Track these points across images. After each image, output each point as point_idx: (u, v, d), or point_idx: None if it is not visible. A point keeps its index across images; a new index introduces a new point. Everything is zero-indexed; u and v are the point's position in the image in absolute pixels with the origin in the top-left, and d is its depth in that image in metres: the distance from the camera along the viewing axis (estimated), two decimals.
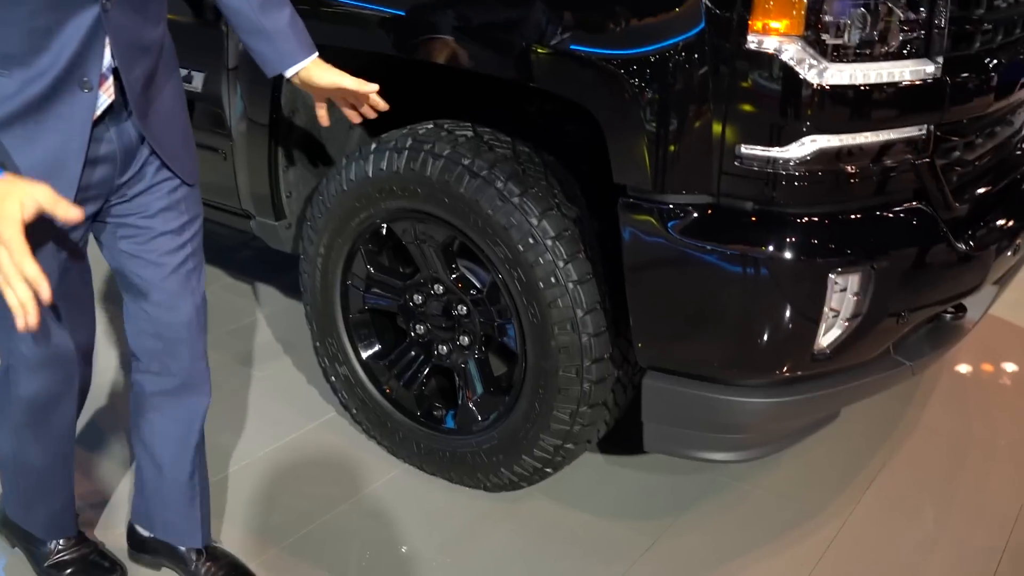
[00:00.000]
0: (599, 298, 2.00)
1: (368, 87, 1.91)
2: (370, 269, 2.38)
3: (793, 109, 1.72)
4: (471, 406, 2.31)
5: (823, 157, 1.76)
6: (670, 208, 1.81)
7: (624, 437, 2.33)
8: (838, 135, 1.77)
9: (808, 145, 1.74)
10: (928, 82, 1.81)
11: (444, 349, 2.33)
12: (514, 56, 1.95)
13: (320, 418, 2.71)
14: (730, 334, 1.86)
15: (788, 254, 1.78)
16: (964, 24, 1.92)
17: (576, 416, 2.08)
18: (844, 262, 1.81)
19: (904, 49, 1.79)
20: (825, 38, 1.71)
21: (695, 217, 1.80)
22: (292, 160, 2.57)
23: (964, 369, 3.06)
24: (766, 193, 1.77)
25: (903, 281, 1.91)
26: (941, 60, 1.83)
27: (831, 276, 1.80)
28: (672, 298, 1.87)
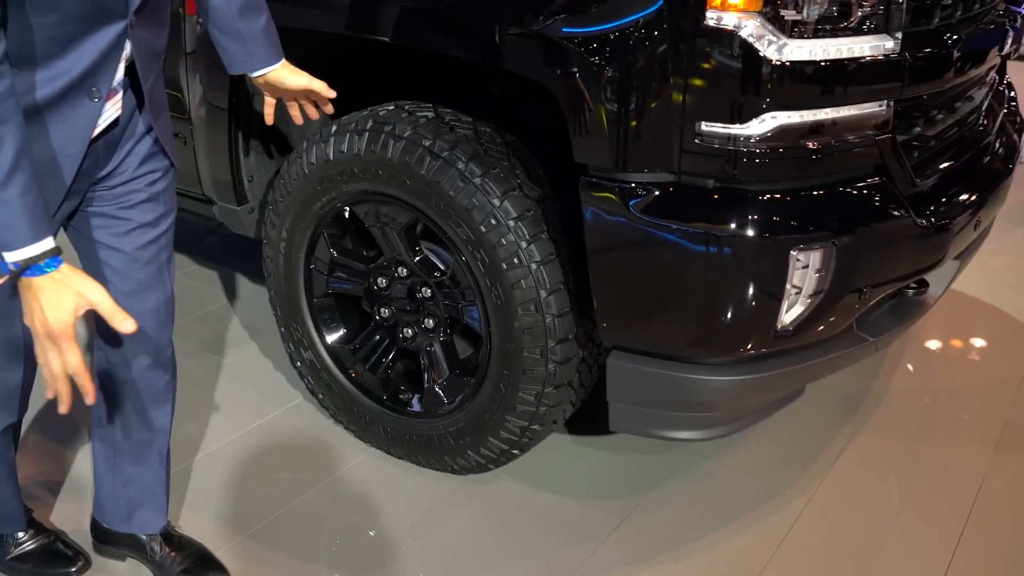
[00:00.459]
0: (562, 278, 1.99)
1: (330, 91, 1.98)
2: (333, 253, 2.37)
3: (753, 86, 1.71)
4: (437, 389, 2.30)
5: (784, 134, 1.76)
6: (631, 187, 1.80)
7: (591, 417, 2.33)
8: (798, 111, 1.77)
9: (769, 122, 1.74)
10: (888, 57, 1.82)
11: (409, 332, 2.32)
12: (473, 37, 1.93)
13: (287, 404, 2.69)
14: (693, 312, 1.85)
15: (750, 231, 1.78)
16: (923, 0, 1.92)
17: (542, 397, 2.08)
18: (806, 239, 1.81)
19: (863, 24, 1.79)
20: (784, 14, 1.71)
21: (657, 195, 1.80)
22: (253, 144, 2.54)
23: (927, 344, 3.08)
24: (727, 170, 1.77)
25: (865, 257, 1.91)
26: (900, 36, 1.84)
27: (793, 253, 1.81)
28: (635, 277, 1.87)
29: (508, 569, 2.11)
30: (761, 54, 1.69)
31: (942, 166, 2.16)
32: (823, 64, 1.74)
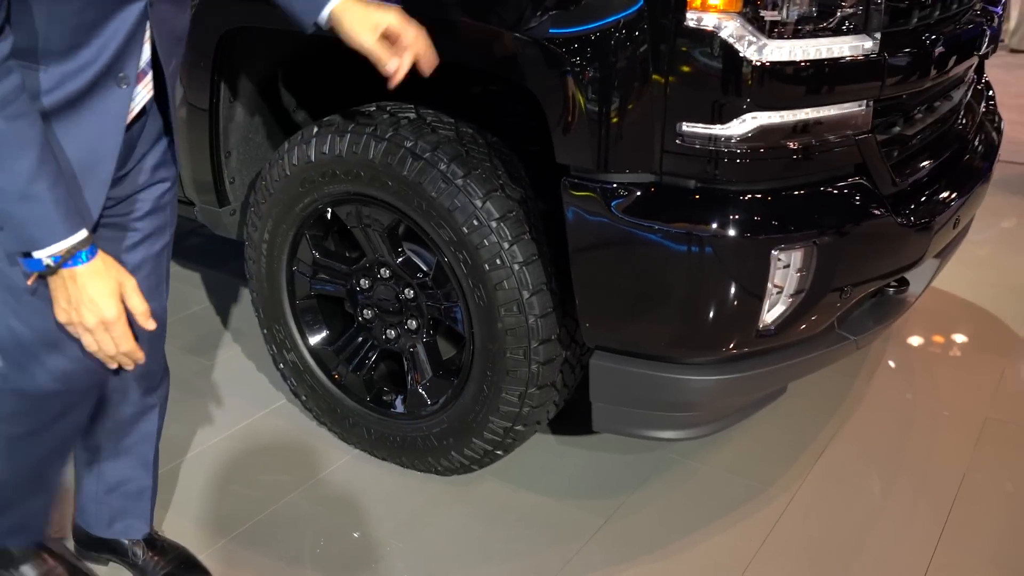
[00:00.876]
0: (545, 279, 2.00)
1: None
2: (315, 254, 2.36)
3: (733, 86, 1.72)
4: (420, 390, 2.30)
5: (764, 134, 1.76)
6: (613, 187, 1.80)
7: (574, 417, 2.33)
8: (779, 111, 1.77)
9: (749, 122, 1.75)
10: (867, 58, 1.82)
11: (392, 333, 2.32)
12: (454, 38, 1.93)
13: (270, 405, 2.68)
14: (675, 312, 1.86)
15: (731, 231, 1.78)
16: (901, 0, 1.93)
17: (525, 398, 2.08)
18: (786, 238, 1.82)
19: (843, 25, 1.80)
20: (764, 14, 1.72)
21: (638, 196, 1.80)
22: (234, 146, 2.53)
23: (908, 341, 3.10)
24: (708, 171, 1.77)
25: (845, 256, 1.92)
26: (879, 36, 1.85)
27: (774, 252, 1.81)
28: (617, 277, 1.87)
29: (492, 569, 2.11)
30: (741, 55, 1.70)
31: (922, 165, 2.18)
32: (803, 64, 1.75)
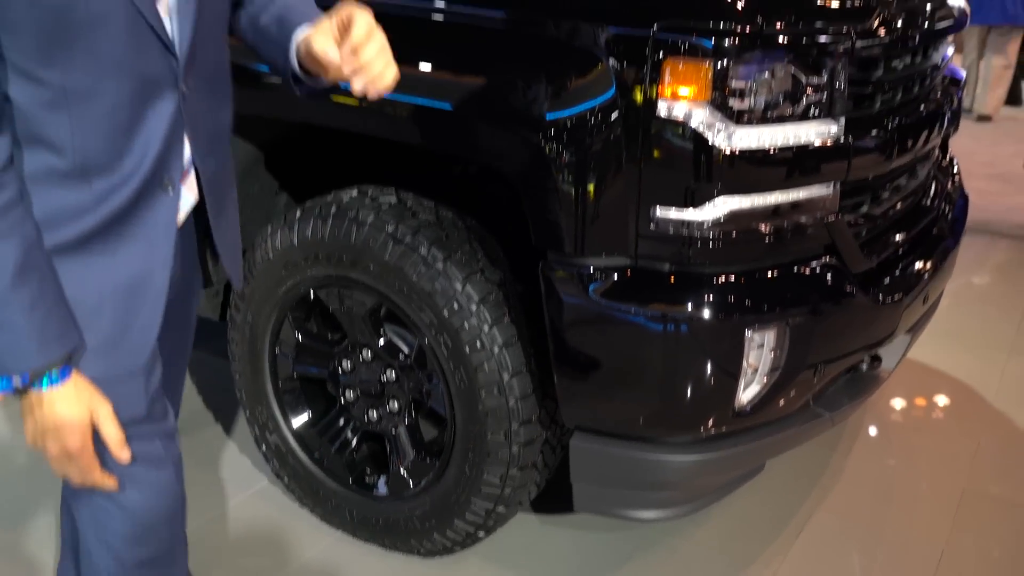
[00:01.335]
0: (525, 360, 2.02)
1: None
2: (298, 336, 2.38)
3: (704, 172, 1.77)
4: (402, 472, 2.31)
5: (735, 217, 1.82)
6: (590, 271, 1.85)
7: (557, 496, 2.34)
8: (748, 195, 1.83)
9: (720, 206, 1.80)
10: (833, 142, 1.89)
11: (374, 415, 2.33)
12: (433, 125, 1.98)
13: (252, 487, 2.68)
14: (653, 393, 1.89)
15: (706, 313, 1.82)
16: (864, 86, 2.00)
17: (506, 479, 2.09)
18: (760, 319, 1.86)
19: (808, 111, 1.87)
20: (732, 103, 1.78)
21: (615, 279, 1.84)
22: None
23: (884, 412, 3.14)
24: (682, 254, 1.82)
25: (818, 335, 1.97)
26: (844, 120, 1.91)
27: (748, 333, 1.85)
28: (595, 359, 1.90)
29: None
30: (711, 142, 1.76)
31: (890, 243, 2.23)
32: (771, 150, 1.81)
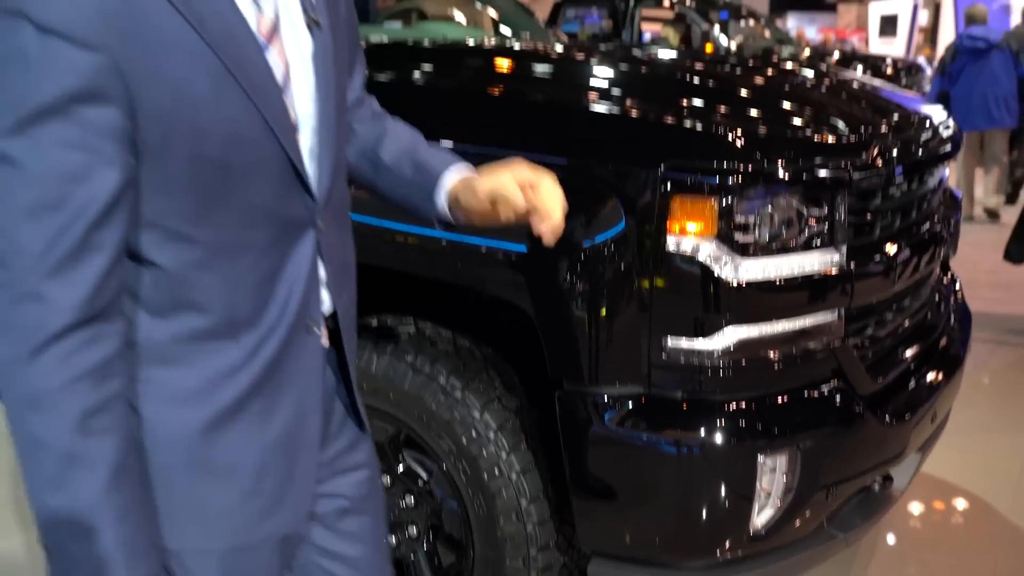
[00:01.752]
0: (542, 486, 2.06)
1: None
2: None
3: (713, 303, 1.85)
4: None
5: (744, 346, 1.88)
6: (605, 399, 1.90)
7: None
8: (756, 324, 1.89)
9: (729, 335, 1.87)
10: (836, 271, 1.96)
11: (393, 540, 2.36)
12: (447, 259, 2.06)
13: None
14: (669, 519, 1.92)
15: (718, 439, 1.87)
16: (864, 215, 2.09)
17: None
18: (771, 444, 1.91)
19: (811, 241, 1.95)
20: (737, 236, 1.86)
21: (629, 407, 1.90)
22: None
23: (899, 531, 3.14)
24: (694, 382, 1.88)
25: (829, 458, 2.01)
26: (845, 249, 1.99)
27: (760, 458, 1.90)
28: (612, 485, 1.94)
29: None
30: (718, 274, 1.83)
31: (896, 363, 2.29)
32: (776, 281, 1.88)
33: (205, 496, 1.20)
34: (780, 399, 1.95)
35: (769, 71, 3.04)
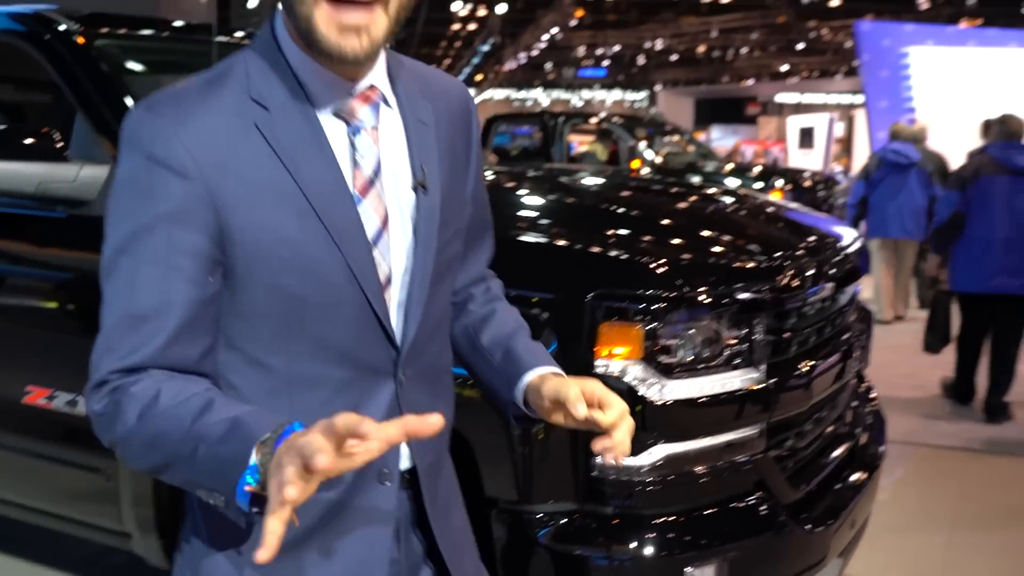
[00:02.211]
0: None
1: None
2: None
3: (640, 422, 1.93)
4: None
5: (671, 462, 1.98)
6: (538, 517, 1.98)
7: None
8: (682, 441, 2.00)
9: (657, 453, 1.97)
10: (756, 388, 2.09)
11: None
12: None
13: None
14: None
15: (648, 552, 1.96)
16: (781, 333, 2.23)
17: None
18: (699, 556, 2.00)
19: (732, 361, 2.08)
20: (662, 359, 1.98)
21: (562, 523, 1.98)
22: None
23: None
24: (624, 498, 1.97)
25: (754, 567, 2.10)
26: (765, 366, 2.12)
27: (688, 569, 1.98)
28: None
29: None
30: (645, 395, 1.94)
31: (815, 472, 2.41)
32: (700, 399, 2.00)
33: None
34: (706, 512, 2.05)
35: (691, 197, 3.22)
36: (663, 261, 2.07)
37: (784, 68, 37.42)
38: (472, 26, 30.46)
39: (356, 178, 1.20)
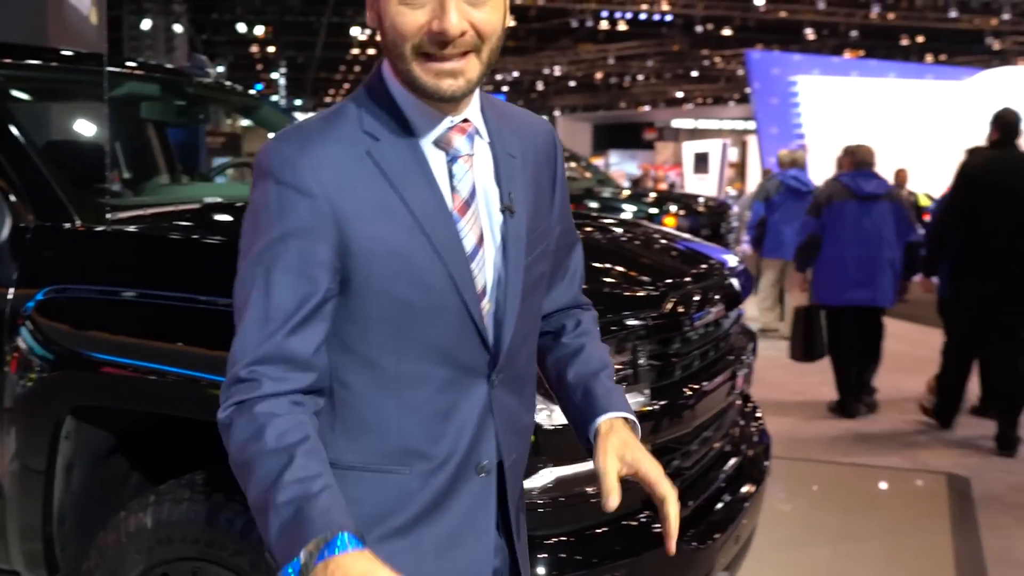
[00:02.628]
0: None
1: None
2: None
3: (532, 447, 2.00)
4: None
5: (560, 485, 2.05)
6: None
7: None
8: (571, 464, 2.07)
9: (546, 476, 2.03)
10: (642, 410, 2.17)
11: None
12: None
13: None
14: None
15: (539, 572, 2.02)
16: (665, 358, 2.32)
17: None
18: (590, 573, 2.06)
19: (619, 382, 2.15)
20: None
21: None
22: (69, 512, 2.59)
23: None
24: None
25: None
26: (650, 390, 2.21)
27: None
28: None
29: None
30: (534, 419, 2.00)
31: (703, 489, 2.51)
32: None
33: None
34: (596, 531, 2.12)
35: (587, 228, 3.31)
36: None
37: (679, 95, 38.39)
38: (371, 51, 30.41)
39: (454, 200, 1.36)
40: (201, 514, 2.22)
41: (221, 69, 26.50)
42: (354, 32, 26.50)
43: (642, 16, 23.78)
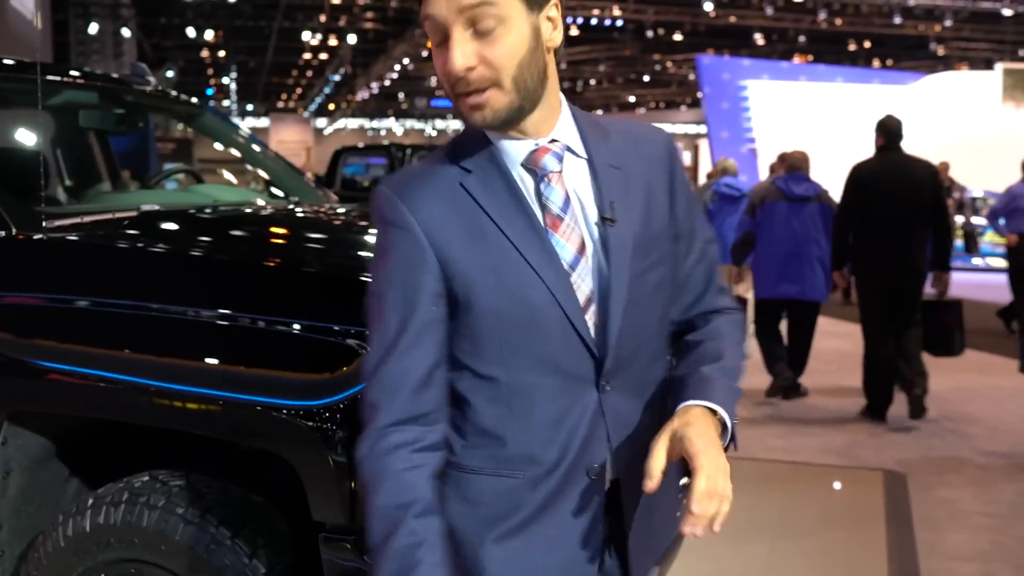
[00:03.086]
0: None
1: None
2: None
3: None
4: None
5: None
6: (363, 538, 2.06)
7: None
8: None
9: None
10: None
11: None
12: (212, 417, 2.19)
13: None
14: None
15: None
16: None
17: None
18: None
19: None
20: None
21: None
22: (5, 519, 2.60)
23: None
24: None
25: None
26: None
27: None
28: None
29: None
30: None
31: None
32: None
33: None
34: None
35: None
36: None
37: (632, 99, 38.65)
38: (323, 55, 30.31)
39: (546, 217, 1.44)
40: (139, 516, 2.25)
41: (171, 74, 26.25)
42: (305, 36, 26.38)
43: (593, 21, 23.94)
